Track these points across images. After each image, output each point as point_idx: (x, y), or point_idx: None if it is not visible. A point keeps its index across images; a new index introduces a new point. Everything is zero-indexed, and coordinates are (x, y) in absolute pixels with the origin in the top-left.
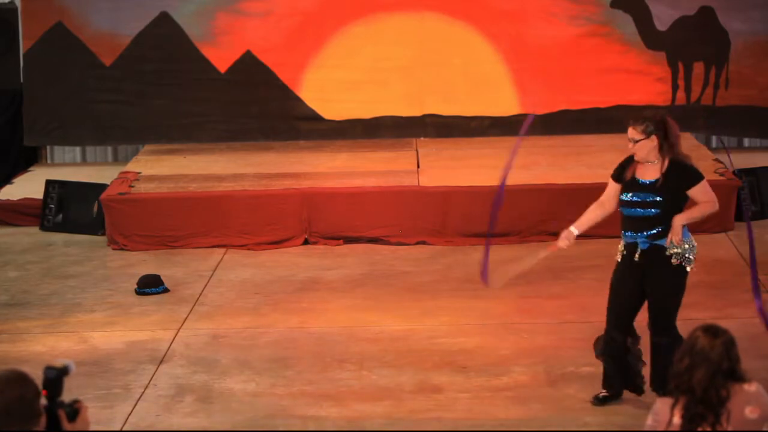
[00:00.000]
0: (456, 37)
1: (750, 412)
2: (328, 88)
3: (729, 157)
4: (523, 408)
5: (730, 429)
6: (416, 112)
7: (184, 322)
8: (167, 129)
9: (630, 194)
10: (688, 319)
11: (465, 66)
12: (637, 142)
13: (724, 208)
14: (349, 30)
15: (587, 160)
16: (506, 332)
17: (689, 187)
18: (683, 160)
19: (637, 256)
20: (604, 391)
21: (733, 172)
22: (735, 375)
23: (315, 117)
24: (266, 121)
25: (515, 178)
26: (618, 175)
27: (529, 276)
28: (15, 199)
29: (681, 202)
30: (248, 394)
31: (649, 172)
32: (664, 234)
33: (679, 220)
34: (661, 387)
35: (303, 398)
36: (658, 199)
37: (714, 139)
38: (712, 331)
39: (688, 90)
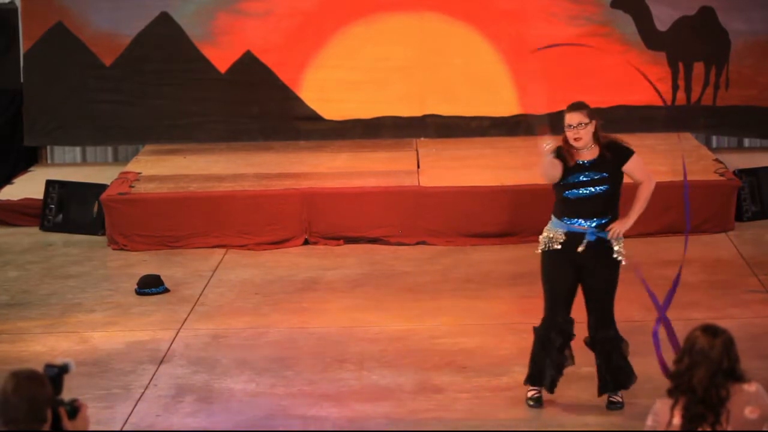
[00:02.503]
0: (456, 37)
1: (750, 413)
2: (328, 88)
3: None
4: (523, 408)
5: (729, 429)
6: (416, 112)
7: (184, 323)
8: (167, 129)
9: (577, 174)
10: (688, 319)
11: (465, 66)
12: (586, 125)
13: (724, 208)
14: (349, 30)
15: None
16: (506, 332)
17: (625, 161)
18: (614, 139)
19: (581, 248)
20: (536, 391)
21: (734, 172)
22: (735, 374)
23: (315, 117)
24: (266, 121)
25: (516, 178)
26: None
27: (529, 276)
28: (15, 199)
29: (620, 181)
30: (248, 394)
31: (588, 155)
32: (609, 225)
33: (633, 218)
34: (616, 386)
35: (303, 398)
36: (605, 175)
37: (714, 139)
38: (711, 330)
39: (688, 90)
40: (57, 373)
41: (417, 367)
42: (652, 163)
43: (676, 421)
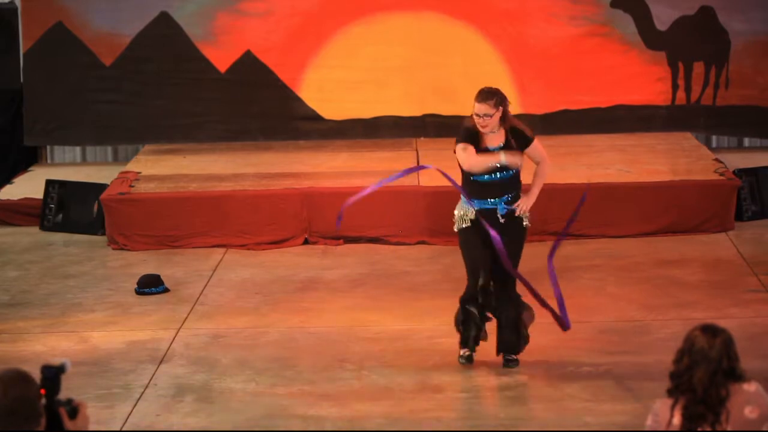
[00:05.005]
0: (456, 37)
1: (750, 412)
2: (328, 88)
3: None
4: (523, 408)
5: (729, 429)
6: (416, 112)
7: (184, 322)
8: (167, 129)
9: None
10: (687, 319)
11: (465, 66)
12: (491, 116)
13: (724, 208)
14: (349, 30)
15: (587, 160)
16: None
17: (527, 146)
18: (516, 124)
19: (498, 215)
20: (467, 350)
21: (734, 172)
22: (734, 374)
23: (315, 117)
24: (266, 121)
25: None
26: (472, 142)
27: (529, 276)
28: (15, 199)
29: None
30: (248, 393)
31: (494, 139)
32: (516, 199)
33: (535, 195)
34: (511, 348)
35: (303, 398)
36: None
37: (714, 138)
38: (710, 330)
39: (688, 90)
40: (55, 374)
41: (417, 366)
42: (652, 163)
43: (676, 420)
